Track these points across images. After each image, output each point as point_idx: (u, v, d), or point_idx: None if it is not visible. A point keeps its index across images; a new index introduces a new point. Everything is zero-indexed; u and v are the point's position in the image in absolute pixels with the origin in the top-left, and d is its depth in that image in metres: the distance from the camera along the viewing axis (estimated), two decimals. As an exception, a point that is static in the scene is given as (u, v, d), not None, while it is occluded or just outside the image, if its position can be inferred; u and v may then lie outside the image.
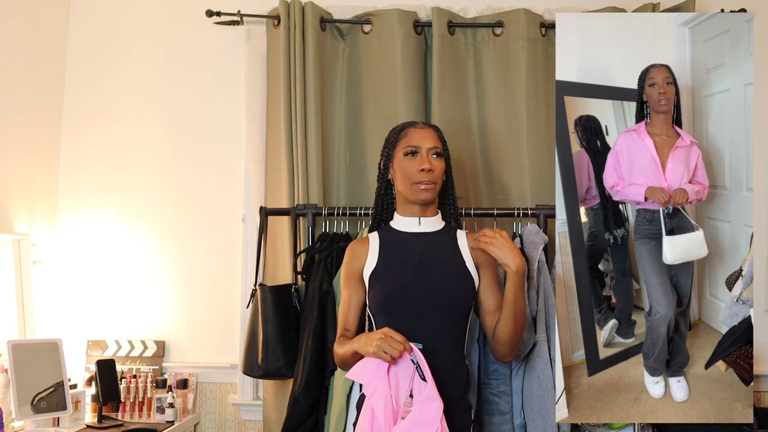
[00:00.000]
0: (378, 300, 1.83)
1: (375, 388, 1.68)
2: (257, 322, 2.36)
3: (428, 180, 1.85)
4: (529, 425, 2.16)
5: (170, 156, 2.78)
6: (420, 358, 1.68)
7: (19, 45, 2.52)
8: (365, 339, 1.72)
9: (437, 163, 1.88)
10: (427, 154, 1.87)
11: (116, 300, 2.73)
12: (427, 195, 1.87)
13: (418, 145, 1.88)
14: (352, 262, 1.91)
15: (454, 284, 1.83)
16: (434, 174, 1.86)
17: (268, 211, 2.53)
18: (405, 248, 1.88)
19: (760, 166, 2.64)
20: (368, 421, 1.69)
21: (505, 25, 2.64)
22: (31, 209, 2.60)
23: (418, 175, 1.85)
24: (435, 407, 1.64)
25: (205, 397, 2.72)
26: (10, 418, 2.25)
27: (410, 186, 1.86)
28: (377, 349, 1.66)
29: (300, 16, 2.57)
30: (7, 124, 2.45)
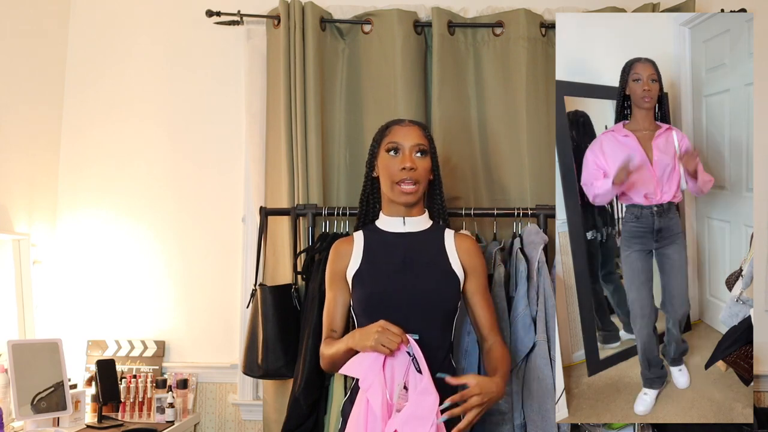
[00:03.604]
0: (361, 301, 1.82)
1: (371, 382, 1.67)
2: (257, 322, 2.36)
3: (410, 179, 1.81)
4: (529, 425, 2.16)
5: (170, 156, 2.78)
6: (416, 350, 1.67)
7: (19, 45, 2.52)
8: (360, 334, 1.71)
9: (421, 162, 1.84)
10: (410, 152, 1.83)
11: (116, 300, 2.73)
12: (408, 198, 1.83)
13: (401, 142, 1.84)
14: (336, 262, 1.90)
15: (438, 285, 1.82)
16: (416, 173, 1.82)
17: (268, 211, 2.53)
18: (389, 248, 1.86)
19: (760, 166, 2.64)
20: (363, 414, 1.68)
21: (505, 25, 2.64)
22: (31, 209, 2.60)
23: (399, 174, 1.82)
24: (431, 401, 1.63)
25: (205, 397, 2.72)
26: (10, 418, 2.25)
27: (392, 186, 1.84)
28: (376, 343, 1.65)
29: (300, 16, 2.57)
30: (7, 124, 2.45)
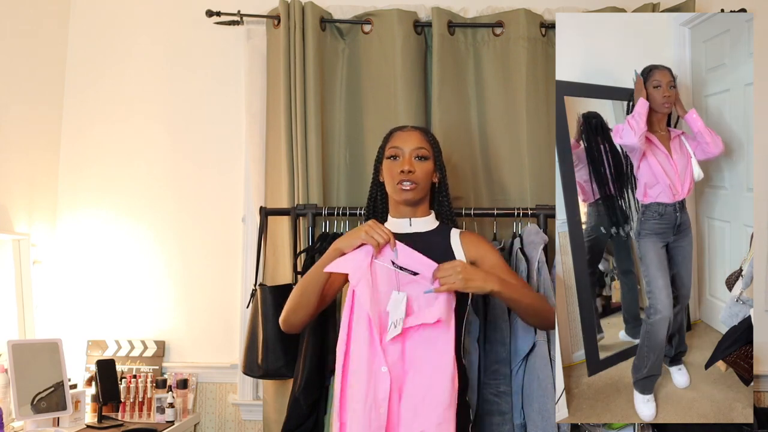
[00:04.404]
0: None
1: (359, 278, 1.75)
2: (257, 322, 2.36)
3: (408, 179, 1.88)
4: (529, 425, 2.16)
5: (170, 156, 2.78)
6: (404, 252, 1.79)
7: (19, 45, 2.52)
8: (348, 235, 1.82)
9: (420, 165, 1.91)
10: (410, 156, 1.91)
11: (116, 300, 2.73)
12: (408, 195, 1.89)
13: (401, 146, 1.92)
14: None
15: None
16: (414, 175, 1.89)
17: (268, 211, 2.53)
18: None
19: (760, 166, 2.64)
20: (348, 306, 1.77)
21: (505, 25, 2.64)
22: (31, 209, 2.60)
23: (398, 176, 1.89)
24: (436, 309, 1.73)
25: (205, 397, 2.72)
26: (10, 418, 2.25)
27: (393, 186, 1.91)
28: (366, 236, 1.75)
29: (300, 16, 2.57)
30: (7, 124, 2.45)
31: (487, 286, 1.74)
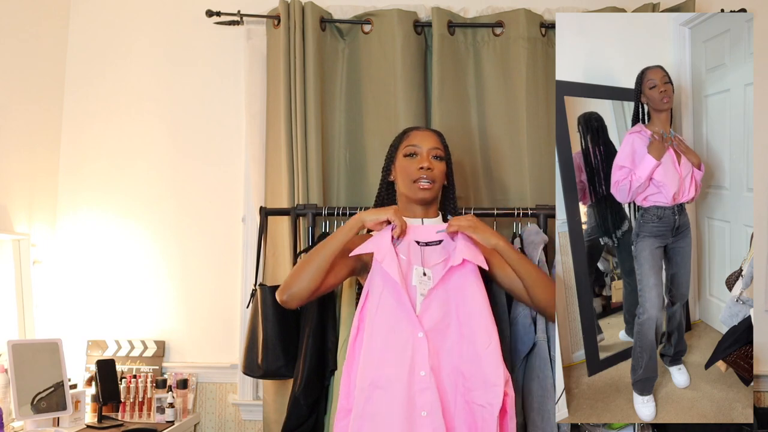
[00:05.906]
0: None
1: (385, 254, 1.81)
2: (257, 322, 2.36)
3: (427, 177, 1.89)
4: (529, 425, 2.16)
5: (170, 156, 2.78)
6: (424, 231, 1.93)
7: (19, 45, 2.52)
8: (374, 210, 1.87)
9: (437, 164, 1.93)
10: (428, 155, 1.92)
11: (116, 300, 2.73)
12: (425, 194, 1.91)
13: (419, 144, 1.93)
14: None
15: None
16: (433, 173, 1.91)
17: (268, 211, 2.53)
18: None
19: (760, 166, 2.64)
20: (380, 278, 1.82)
21: (505, 25, 2.64)
22: (31, 209, 2.60)
23: (417, 173, 1.90)
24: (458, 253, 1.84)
25: (205, 397, 2.72)
26: (10, 418, 2.25)
27: (410, 184, 1.91)
28: (395, 214, 1.82)
29: (300, 16, 2.57)
30: (7, 124, 2.45)
31: (492, 239, 1.84)
